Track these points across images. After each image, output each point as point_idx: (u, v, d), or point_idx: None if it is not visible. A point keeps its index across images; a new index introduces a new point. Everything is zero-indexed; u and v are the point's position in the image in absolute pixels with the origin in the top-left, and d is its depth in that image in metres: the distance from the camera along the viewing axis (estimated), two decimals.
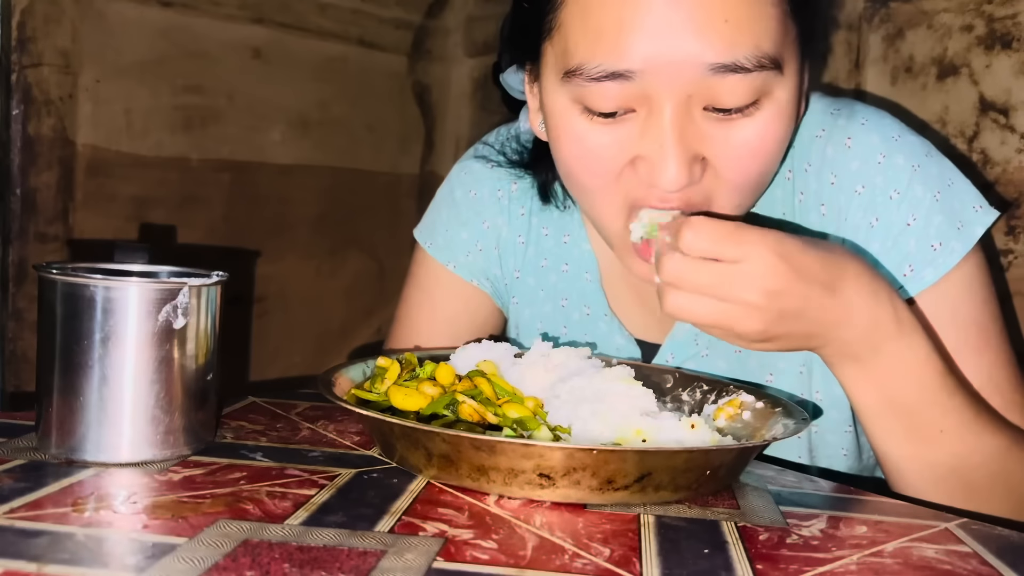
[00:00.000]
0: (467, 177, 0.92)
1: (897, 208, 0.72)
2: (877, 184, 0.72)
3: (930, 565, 0.50)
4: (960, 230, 0.72)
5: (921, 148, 0.74)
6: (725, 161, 0.65)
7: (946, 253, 0.71)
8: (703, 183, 0.66)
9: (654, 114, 0.64)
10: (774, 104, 0.65)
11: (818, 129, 0.76)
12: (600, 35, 0.63)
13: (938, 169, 0.74)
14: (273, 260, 1.47)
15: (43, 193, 1.20)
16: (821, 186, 0.75)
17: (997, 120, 1.02)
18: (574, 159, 0.69)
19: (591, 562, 0.47)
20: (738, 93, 0.63)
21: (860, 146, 0.73)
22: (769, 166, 0.68)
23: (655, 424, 0.62)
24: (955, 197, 0.73)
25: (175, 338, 0.60)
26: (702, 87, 0.62)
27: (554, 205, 0.87)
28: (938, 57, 1.07)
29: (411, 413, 0.66)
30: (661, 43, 0.61)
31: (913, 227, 0.72)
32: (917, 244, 0.72)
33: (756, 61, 0.62)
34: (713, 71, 0.62)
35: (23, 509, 0.50)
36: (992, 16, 1.02)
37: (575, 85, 0.65)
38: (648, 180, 0.65)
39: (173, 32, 1.31)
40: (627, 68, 0.62)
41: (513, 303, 0.92)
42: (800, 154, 0.76)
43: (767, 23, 0.63)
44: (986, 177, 1.03)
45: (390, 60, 1.61)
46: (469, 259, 0.91)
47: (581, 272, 0.87)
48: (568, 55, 0.65)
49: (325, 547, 0.47)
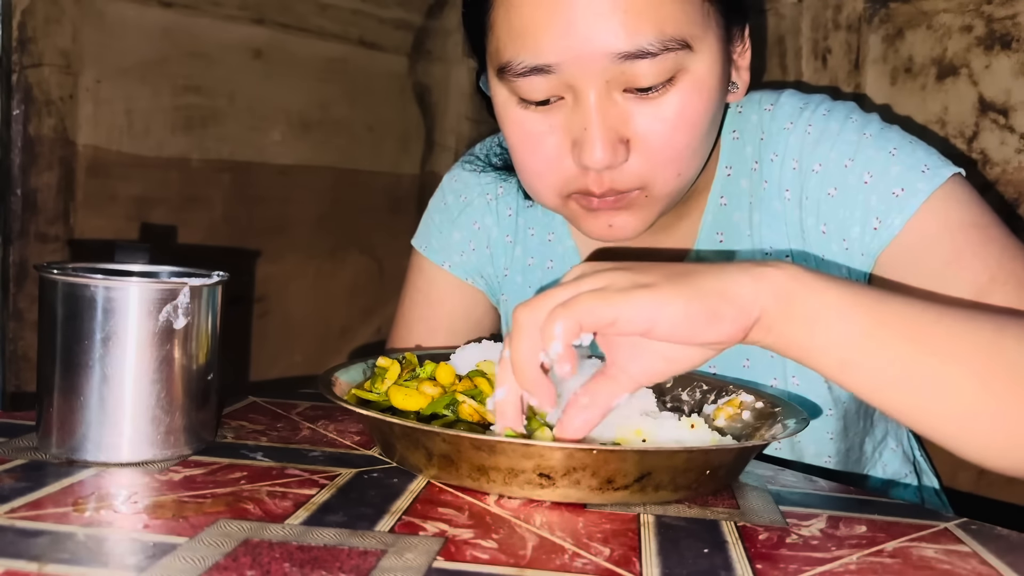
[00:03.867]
0: (456, 184, 0.97)
1: (852, 172, 0.75)
2: (831, 158, 0.76)
3: (930, 565, 0.50)
4: (925, 172, 0.73)
5: (875, 122, 0.77)
6: (650, 137, 0.69)
7: (911, 194, 0.72)
8: (633, 165, 0.70)
9: (579, 100, 0.69)
10: (690, 78, 0.69)
11: (787, 122, 0.79)
12: (521, 34, 0.68)
13: (895, 134, 0.76)
14: (273, 260, 1.47)
15: (44, 193, 1.20)
16: (783, 172, 0.78)
17: (997, 120, 1.02)
18: (517, 144, 0.75)
19: (591, 562, 0.47)
20: (650, 74, 0.67)
21: (817, 131, 0.77)
22: (694, 137, 0.71)
23: (655, 424, 0.62)
24: (915, 150, 0.75)
25: (176, 338, 0.60)
26: (616, 73, 0.67)
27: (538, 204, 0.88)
28: (938, 57, 1.07)
29: (411, 413, 0.66)
30: (572, 37, 0.66)
31: (870, 183, 0.74)
32: (878, 197, 0.73)
33: (661, 45, 0.66)
34: (621, 59, 0.66)
35: (24, 509, 0.50)
36: (992, 16, 1.02)
37: (507, 80, 0.71)
38: (579, 162, 0.70)
39: (174, 32, 1.31)
40: (545, 63, 0.68)
41: (503, 300, 0.96)
42: (768, 144, 0.80)
43: (669, 7, 0.67)
44: (986, 177, 1.04)
45: (390, 61, 1.61)
46: (463, 258, 0.96)
47: (566, 267, 0.90)
48: (499, 53, 0.71)
49: (325, 547, 0.47)
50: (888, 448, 0.93)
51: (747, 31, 0.78)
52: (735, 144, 0.82)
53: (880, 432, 0.92)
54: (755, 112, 0.82)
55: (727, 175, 0.82)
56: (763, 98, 0.82)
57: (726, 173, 0.82)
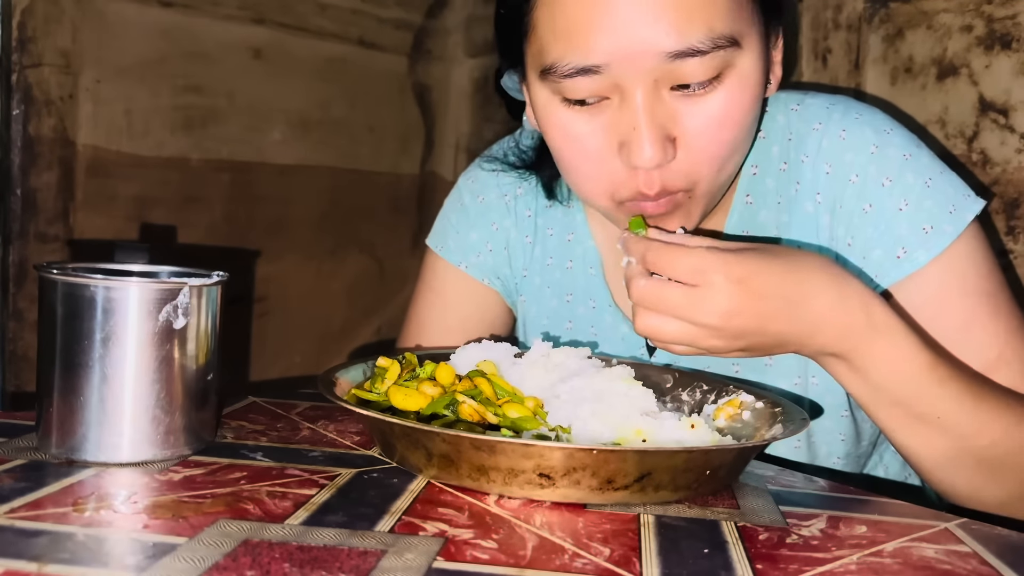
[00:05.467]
0: (474, 184, 0.96)
1: (889, 194, 0.76)
2: (870, 173, 0.76)
3: (930, 565, 0.50)
4: (952, 213, 0.75)
5: (911, 141, 0.78)
6: (697, 133, 0.70)
7: (938, 235, 0.74)
8: (680, 163, 0.70)
9: (626, 100, 0.69)
10: (736, 75, 0.69)
11: (815, 123, 0.80)
12: (567, 35, 0.68)
13: (928, 160, 0.78)
14: (273, 260, 1.47)
15: (43, 193, 1.20)
16: (816, 176, 0.79)
17: (997, 120, 1.02)
18: (562, 146, 0.74)
19: (591, 562, 0.47)
20: (699, 72, 0.67)
21: (854, 138, 0.78)
22: (739, 134, 0.72)
23: (655, 424, 0.62)
24: (946, 184, 0.76)
25: (175, 338, 0.60)
26: (665, 71, 0.67)
27: (558, 202, 0.91)
28: (938, 57, 1.07)
29: (411, 413, 0.66)
30: (621, 37, 0.66)
31: (905, 211, 0.75)
32: (909, 227, 0.75)
33: (711, 43, 0.66)
34: (672, 57, 0.66)
35: (23, 509, 0.50)
36: (992, 16, 1.02)
37: (552, 81, 0.70)
38: (628, 162, 0.70)
39: (173, 32, 1.31)
40: (593, 63, 0.68)
41: (521, 301, 0.95)
42: (797, 146, 0.80)
43: (718, 4, 0.67)
44: (986, 177, 1.04)
45: (390, 60, 1.61)
46: (480, 259, 0.95)
47: (585, 267, 0.90)
48: (542, 55, 0.71)
49: (325, 547, 0.47)
50: (890, 450, 0.93)
51: (781, 27, 0.78)
52: (761, 143, 0.82)
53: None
54: (781, 112, 0.82)
55: (752, 174, 0.82)
56: (788, 98, 0.83)
57: (752, 172, 0.82)
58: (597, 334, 0.89)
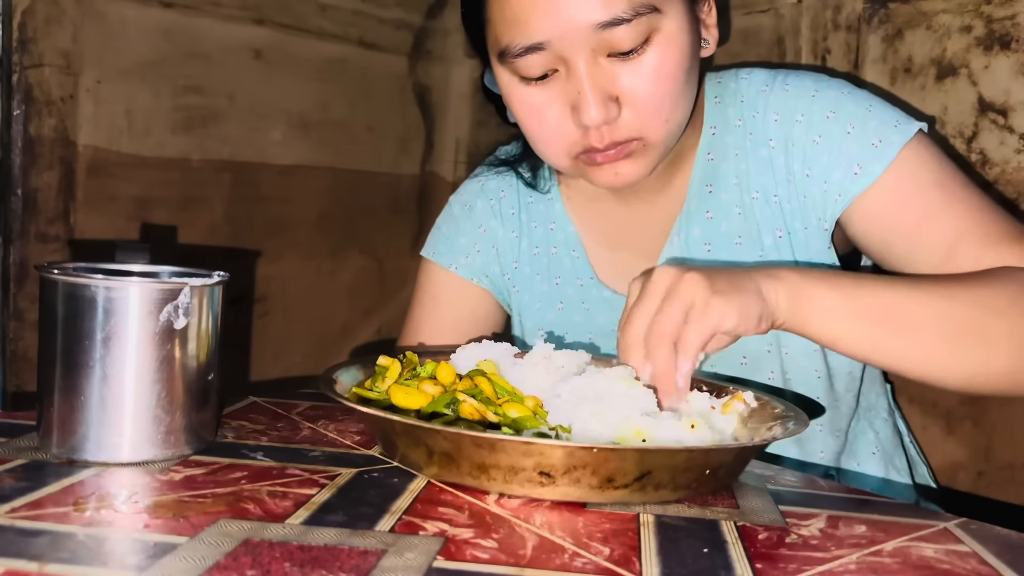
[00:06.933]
0: (462, 196, 1.07)
1: (835, 123, 0.84)
2: (814, 110, 0.86)
3: (929, 565, 0.50)
4: (896, 127, 0.83)
5: (848, 84, 0.88)
6: (635, 91, 0.79)
7: (887, 146, 0.82)
8: (626, 118, 0.79)
9: (571, 70, 0.79)
10: (663, 37, 0.78)
11: (762, 86, 0.90)
12: (515, 20, 0.78)
13: (864, 94, 0.87)
14: (274, 260, 1.47)
15: (44, 193, 1.20)
16: (766, 125, 0.88)
17: (996, 120, 1.02)
18: (526, 117, 0.84)
19: (591, 561, 0.48)
20: (628, 38, 0.77)
21: (795, 88, 0.88)
22: (674, 87, 0.80)
23: (655, 424, 0.62)
24: (885, 108, 0.85)
25: (176, 338, 0.61)
26: (599, 40, 0.77)
27: (540, 193, 1.00)
28: (937, 58, 1.07)
29: (412, 412, 0.66)
30: (555, 17, 0.76)
31: (852, 134, 0.83)
32: (859, 146, 0.83)
33: (633, 11, 0.76)
34: (601, 27, 0.76)
35: (24, 509, 0.50)
36: (991, 17, 1.02)
37: (508, 63, 0.81)
38: (579, 123, 0.79)
39: (174, 33, 1.31)
40: (537, 41, 0.78)
41: (514, 292, 1.02)
42: (748, 105, 0.90)
43: None
44: (985, 177, 1.04)
45: (390, 61, 1.61)
46: (468, 260, 1.02)
47: (568, 251, 0.98)
48: (498, 41, 0.81)
49: (326, 546, 0.47)
50: (880, 416, 0.98)
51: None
52: (718, 107, 0.92)
53: (865, 404, 0.97)
54: (732, 80, 0.93)
55: (712, 134, 0.91)
56: (738, 71, 0.94)
57: (711, 133, 0.92)
58: (588, 308, 0.96)
